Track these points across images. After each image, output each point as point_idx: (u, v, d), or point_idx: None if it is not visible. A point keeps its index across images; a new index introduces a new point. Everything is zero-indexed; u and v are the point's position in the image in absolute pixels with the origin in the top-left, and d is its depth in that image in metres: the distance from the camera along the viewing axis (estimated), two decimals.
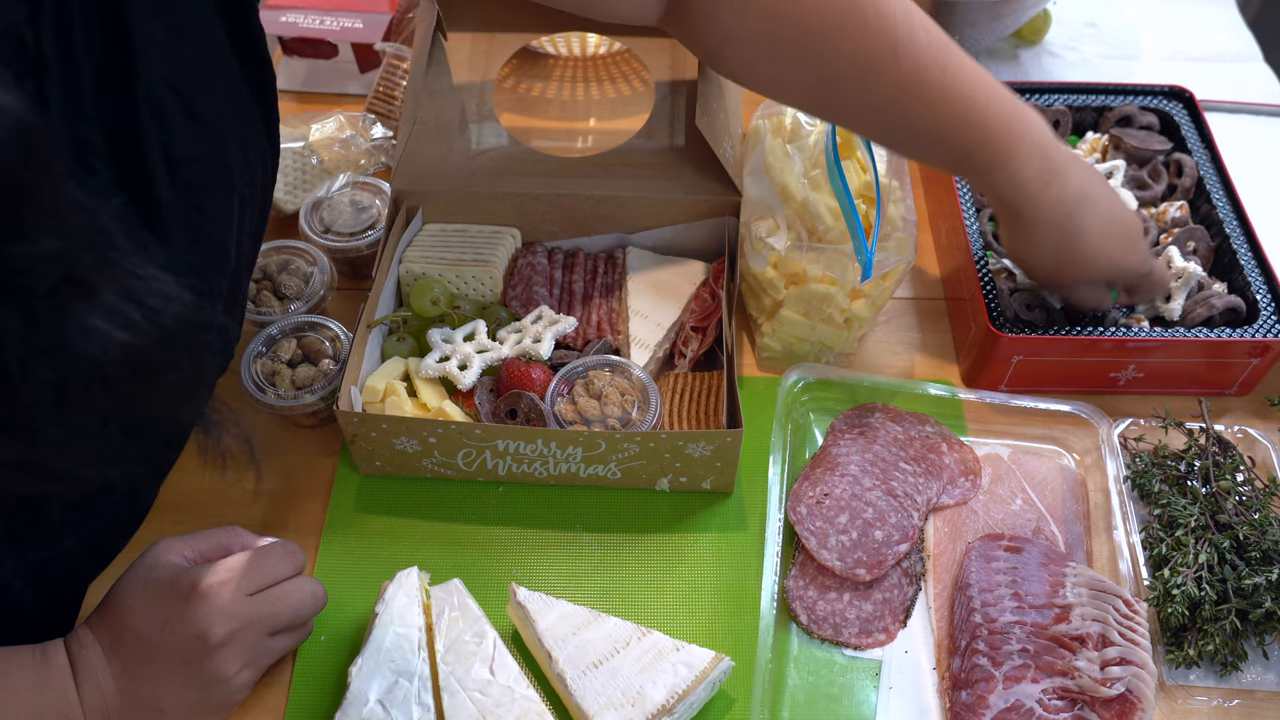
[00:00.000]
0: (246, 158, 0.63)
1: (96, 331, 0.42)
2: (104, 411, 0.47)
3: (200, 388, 0.62)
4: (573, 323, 0.85)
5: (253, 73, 0.64)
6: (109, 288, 0.43)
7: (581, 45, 1.02)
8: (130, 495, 0.71)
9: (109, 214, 0.43)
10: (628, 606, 0.77)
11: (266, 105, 0.66)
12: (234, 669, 0.66)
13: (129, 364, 0.44)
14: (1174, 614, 0.72)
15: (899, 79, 0.72)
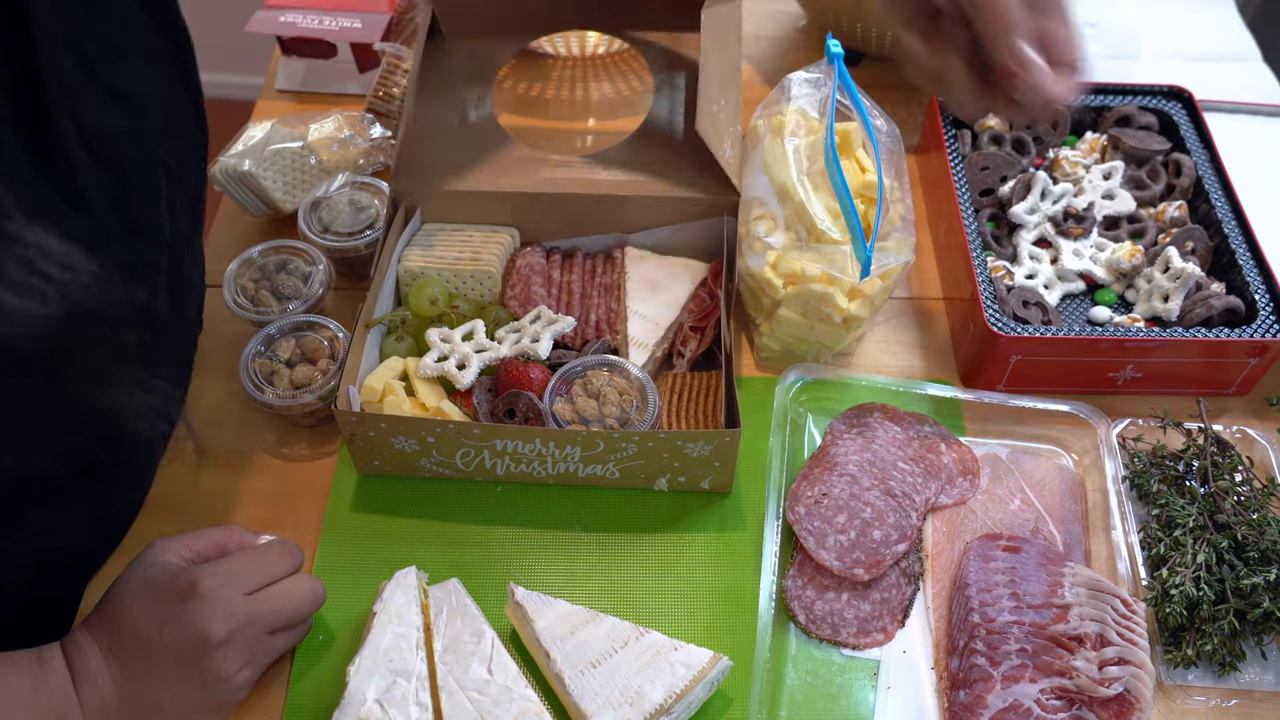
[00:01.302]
0: (169, 128, 0.62)
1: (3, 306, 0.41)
2: (15, 396, 0.46)
3: (121, 371, 0.61)
4: (571, 322, 0.85)
5: (174, 44, 0.63)
6: (5, 257, 0.42)
7: (581, 45, 1.02)
8: (77, 491, 0.70)
9: (4, 181, 0.42)
10: (626, 606, 0.77)
11: (186, 74, 0.66)
12: (234, 668, 0.66)
13: (38, 340, 0.43)
14: (1172, 614, 0.72)
15: None
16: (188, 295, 0.73)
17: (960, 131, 1.01)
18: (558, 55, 1.01)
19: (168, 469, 0.85)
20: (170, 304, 0.68)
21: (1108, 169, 0.97)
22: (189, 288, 0.73)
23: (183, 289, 0.70)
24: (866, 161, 0.91)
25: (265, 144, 0.97)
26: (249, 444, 0.86)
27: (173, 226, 0.63)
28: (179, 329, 0.74)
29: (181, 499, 0.83)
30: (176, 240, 0.64)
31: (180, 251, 0.65)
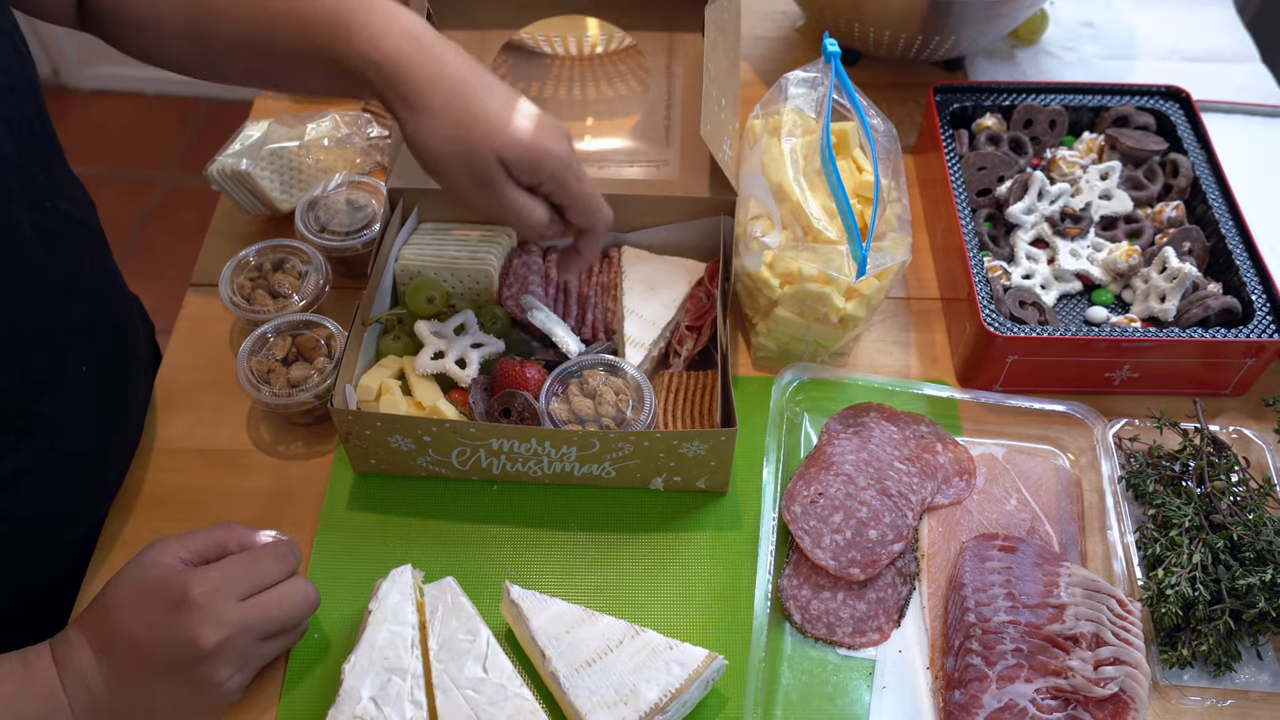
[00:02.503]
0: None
1: None
2: None
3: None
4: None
5: None
6: None
7: (579, 43, 1.02)
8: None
9: None
10: (621, 605, 0.77)
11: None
12: (225, 675, 0.66)
13: None
14: (1168, 614, 0.72)
15: None
16: (61, 228, 0.73)
17: (958, 131, 1.01)
18: (555, 54, 1.01)
19: (163, 467, 0.85)
20: (39, 239, 0.69)
21: (1105, 169, 0.97)
22: (64, 221, 0.74)
23: (51, 220, 0.71)
24: (863, 161, 0.91)
25: (262, 143, 0.97)
26: (245, 442, 0.86)
27: (13, 139, 0.65)
28: (64, 270, 0.74)
29: (178, 497, 0.83)
30: (13, 155, 0.66)
31: (8, 175, 0.66)
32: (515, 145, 0.71)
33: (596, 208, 0.77)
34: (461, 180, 0.73)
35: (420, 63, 0.70)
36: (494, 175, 0.72)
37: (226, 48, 0.75)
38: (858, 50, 1.14)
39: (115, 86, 2.68)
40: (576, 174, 0.75)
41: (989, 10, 1.03)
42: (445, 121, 0.70)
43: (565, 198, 0.75)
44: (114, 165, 2.53)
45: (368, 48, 0.70)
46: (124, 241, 2.38)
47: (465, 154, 0.71)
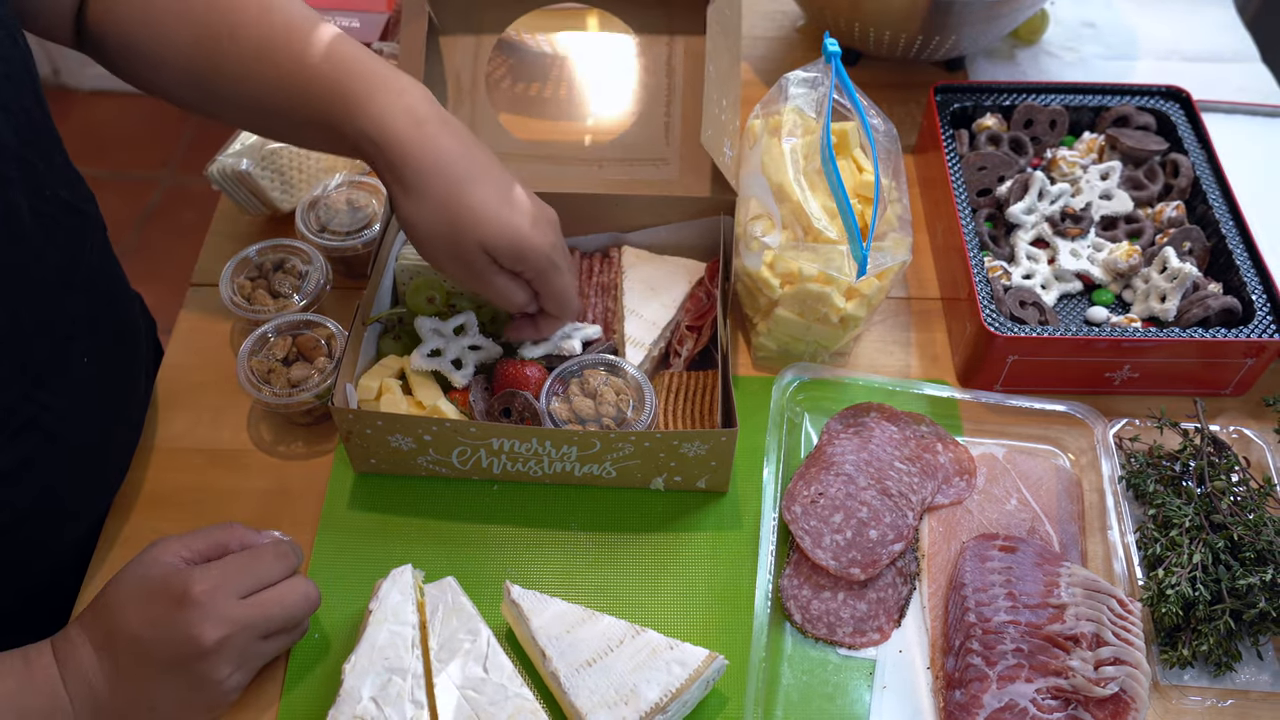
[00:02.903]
0: None
1: None
2: None
3: None
4: (598, 330, 0.87)
5: None
6: None
7: (578, 43, 1.02)
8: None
9: None
10: (622, 605, 0.77)
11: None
12: (225, 673, 0.66)
13: None
14: (1168, 614, 0.72)
15: (269, 32, 0.73)
16: (61, 216, 0.73)
17: (958, 131, 1.01)
18: (555, 53, 1.01)
19: (164, 466, 0.85)
20: (38, 226, 0.69)
21: (1105, 169, 0.97)
22: (63, 210, 0.74)
23: (51, 207, 0.71)
24: (864, 161, 0.91)
25: (263, 143, 0.97)
26: (246, 442, 0.86)
27: (11, 127, 0.65)
28: (64, 259, 0.74)
29: (178, 496, 0.83)
30: (13, 145, 0.66)
31: (7, 164, 0.66)
32: (500, 238, 0.73)
33: (567, 303, 0.80)
34: (445, 263, 0.76)
35: (419, 148, 0.71)
36: (476, 262, 0.74)
37: (228, 98, 0.76)
38: (858, 50, 1.14)
39: (115, 86, 2.68)
40: (557, 266, 0.77)
41: (989, 10, 1.03)
42: (435, 208, 0.72)
43: (542, 289, 0.78)
44: (114, 165, 2.53)
45: (370, 126, 0.71)
46: (124, 241, 2.38)
47: (452, 242, 0.74)
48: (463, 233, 0.73)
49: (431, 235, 0.74)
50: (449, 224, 0.73)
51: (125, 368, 0.84)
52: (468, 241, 0.73)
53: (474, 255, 0.74)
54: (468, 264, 0.75)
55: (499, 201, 0.73)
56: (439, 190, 0.72)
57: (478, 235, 0.73)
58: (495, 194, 0.73)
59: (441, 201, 0.72)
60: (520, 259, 0.75)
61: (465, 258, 0.74)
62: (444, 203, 0.72)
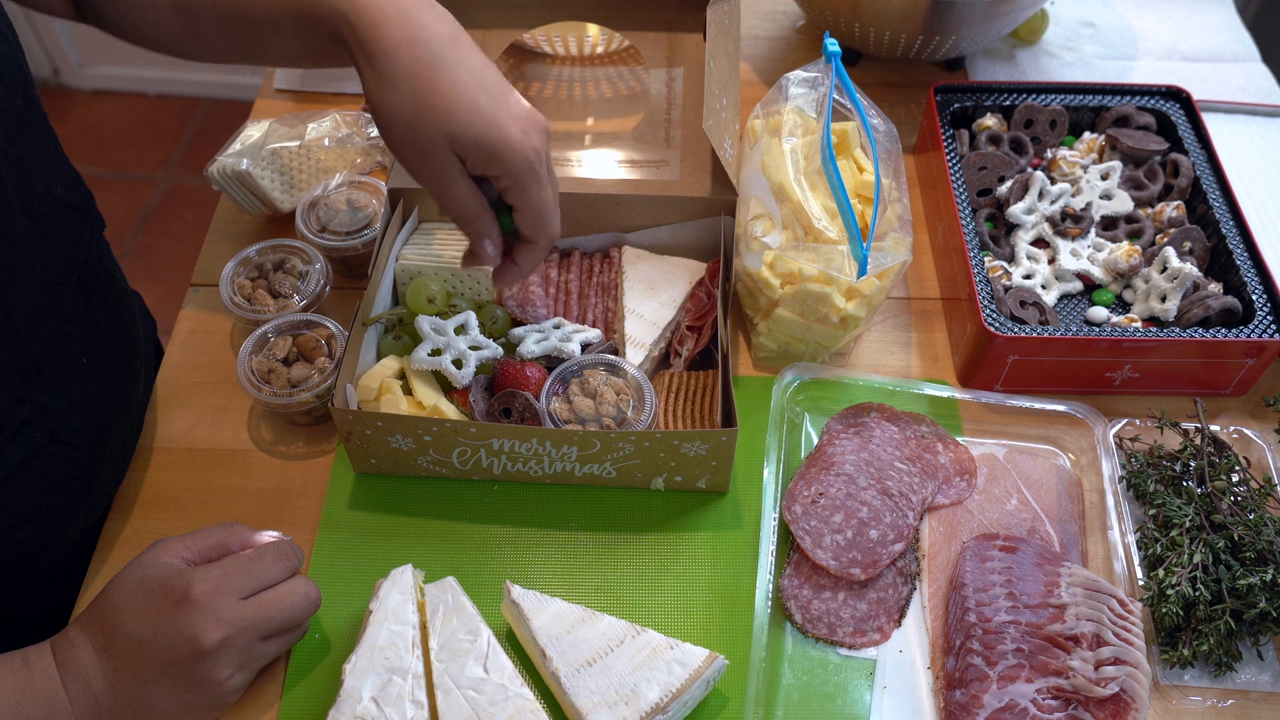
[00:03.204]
0: None
1: None
2: None
3: None
4: (598, 334, 0.86)
5: None
6: None
7: (579, 43, 1.02)
8: None
9: None
10: (622, 605, 0.77)
11: None
12: (226, 674, 0.66)
13: None
14: (1168, 614, 0.72)
15: None
16: (55, 214, 0.73)
17: (958, 131, 1.01)
18: (556, 54, 1.01)
19: (164, 466, 0.85)
20: (31, 226, 0.69)
21: (1105, 169, 0.97)
22: (58, 208, 0.73)
23: (45, 207, 0.71)
24: (864, 161, 0.91)
25: (263, 143, 0.97)
26: (246, 442, 0.86)
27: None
28: (59, 258, 0.74)
29: (179, 497, 0.83)
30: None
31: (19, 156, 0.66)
32: (469, 130, 0.65)
33: (546, 219, 0.70)
34: (406, 155, 0.68)
35: (393, 24, 0.65)
36: (438, 157, 0.67)
37: (211, 23, 0.73)
38: (858, 50, 1.14)
39: (115, 86, 2.68)
40: (537, 176, 0.68)
41: (989, 10, 1.03)
42: (403, 91, 0.65)
43: (519, 199, 0.69)
44: (114, 165, 2.53)
45: (342, 2, 0.66)
46: (124, 241, 2.38)
47: (412, 128, 0.66)
48: (428, 118, 0.65)
49: (394, 124, 0.66)
50: (414, 112, 0.65)
51: (124, 367, 0.84)
52: (432, 129, 0.65)
53: (436, 147, 0.66)
54: (427, 158, 0.67)
55: (476, 89, 0.66)
56: (409, 71, 0.65)
57: (446, 124, 0.65)
58: (473, 81, 0.66)
59: (410, 86, 0.65)
60: (492, 158, 0.66)
61: (425, 148, 0.66)
62: (413, 87, 0.65)
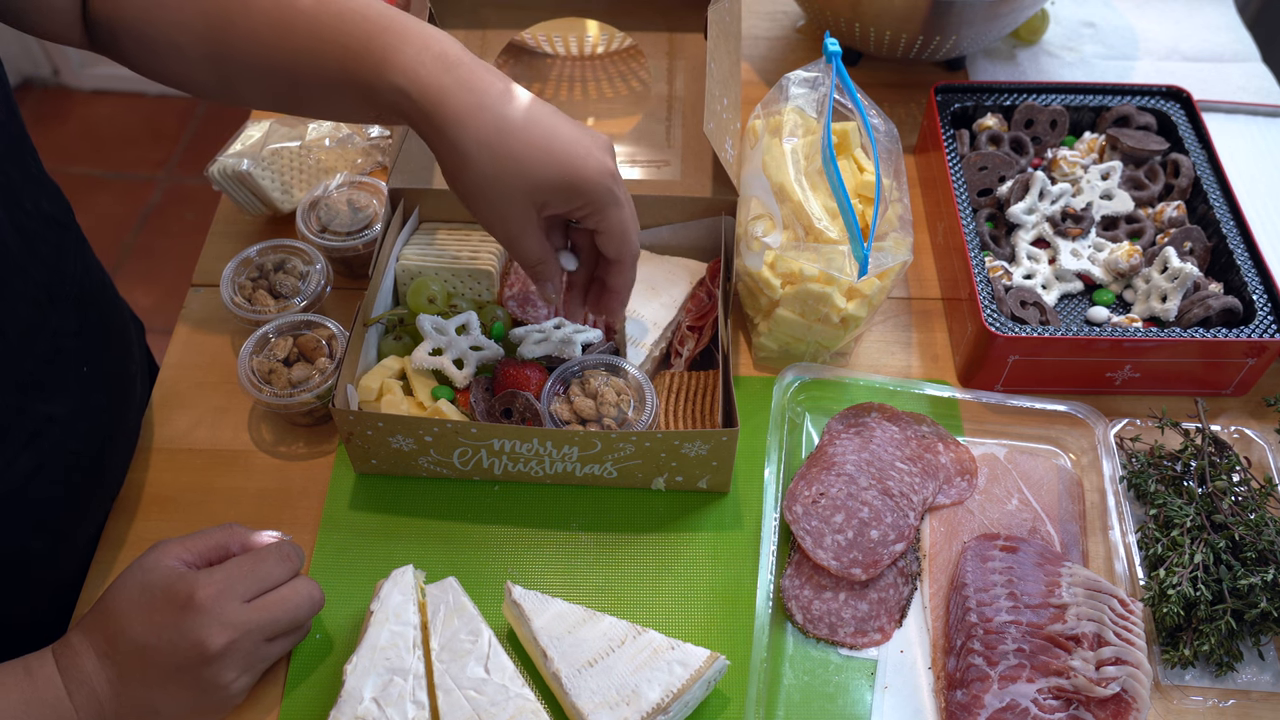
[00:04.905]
0: None
1: None
2: None
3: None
4: (599, 334, 0.86)
5: None
6: None
7: (579, 43, 1.02)
8: None
9: None
10: (623, 605, 0.77)
11: None
12: (231, 677, 0.66)
13: None
14: (1169, 614, 0.72)
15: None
16: (42, 229, 0.72)
17: (959, 131, 1.01)
18: (556, 54, 1.01)
19: (164, 467, 0.85)
20: (19, 239, 0.69)
21: (1106, 169, 0.97)
22: (45, 223, 0.73)
23: (32, 222, 0.70)
24: (865, 161, 0.91)
25: (263, 143, 0.97)
26: (247, 443, 0.86)
27: None
28: (47, 272, 0.73)
29: (179, 498, 0.83)
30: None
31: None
32: (549, 181, 0.68)
33: (627, 239, 0.72)
34: (484, 215, 0.71)
35: (455, 94, 0.66)
36: (516, 213, 0.69)
37: (249, 76, 0.72)
38: (859, 50, 1.14)
39: (115, 86, 2.68)
40: (616, 199, 0.70)
41: (990, 10, 1.03)
42: (478, 159, 0.67)
43: (599, 224, 0.71)
44: (114, 165, 2.53)
45: (401, 79, 0.66)
46: (124, 241, 2.37)
47: (494, 193, 0.69)
48: (507, 181, 0.68)
49: (472, 188, 0.69)
50: (491, 174, 0.67)
51: (122, 372, 0.84)
52: (512, 191, 0.68)
53: (516, 206, 0.69)
54: (506, 216, 0.69)
55: (548, 139, 0.68)
56: (476, 135, 0.66)
57: (525, 182, 0.68)
58: (542, 133, 0.68)
59: (479, 146, 0.67)
60: (575, 197, 0.69)
61: (505, 209, 0.69)
62: (483, 149, 0.67)
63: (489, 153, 0.67)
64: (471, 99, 0.66)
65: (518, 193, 0.68)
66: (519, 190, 0.68)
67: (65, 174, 0.73)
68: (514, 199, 0.68)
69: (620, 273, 0.74)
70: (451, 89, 0.66)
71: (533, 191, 0.68)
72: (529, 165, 0.67)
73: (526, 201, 0.69)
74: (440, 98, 0.66)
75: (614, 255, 0.73)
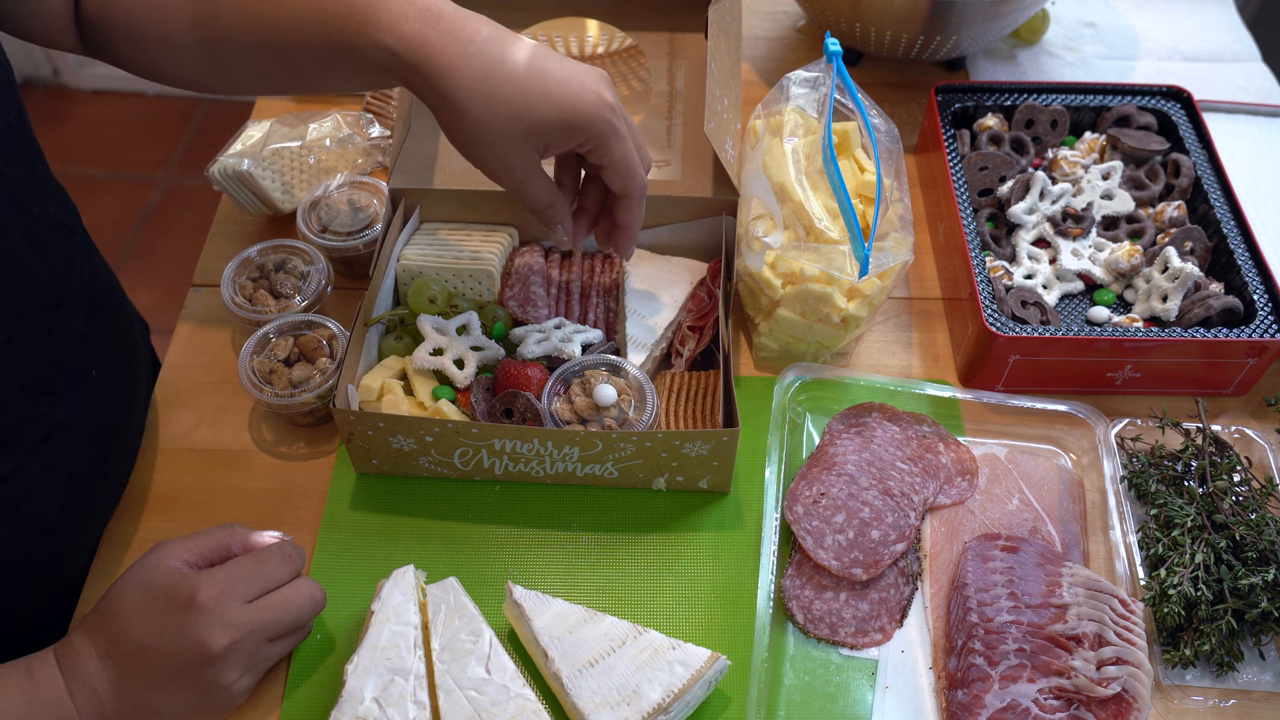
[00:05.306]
0: None
1: None
2: None
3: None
4: (599, 334, 0.86)
5: None
6: None
7: (580, 43, 1.02)
8: None
9: None
10: (624, 605, 0.77)
11: None
12: (233, 677, 0.66)
13: None
14: (1170, 614, 0.72)
15: None
16: (50, 233, 0.72)
17: (959, 131, 1.01)
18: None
19: (165, 468, 0.85)
20: (27, 243, 0.69)
21: (1106, 169, 0.97)
22: (52, 227, 0.73)
23: (40, 226, 0.70)
24: (865, 161, 0.91)
25: (264, 143, 0.97)
26: (247, 443, 0.86)
27: None
28: (55, 276, 0.73)
29: (180, 498, 0.83)
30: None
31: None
32: (546, 120, 0.67)
33: (631, 171, 0.71)
34: (485, 163, 0.71)
35: (441, 45, 0.66)
36: (518, 158, 0.69)
37: (238, 55, 0.72)
38: (859, 50, 1.14)
39: (115, 86, 2.68)
40: (617, 131, 0.69)
41: (990, 10, 1.03)
42: (471, 107, 0.67)
43: (603, 158, 0.70)
44: (114, 165, 2.53)
45: (386, 36, 0.66)
46: (124, 241, 2.38)
47: (491, 138, 0.68)
48: (503, 125, 0.67)
49: (469, 136, 0.68)
50: (486, 119, 0.67)
51: (128, 376, 0.84)
52: (510, 134, 0.67)
53: (516, 149, 0.68)
54: (508, 162, 0.69)
55: (540, 78, 0.67)
56: (466, 83, 0.66)
57: (522, 124, 0.67)
58: (534, 72, 0.67)
59: (470, 94, 0.66)
60: (574, 133, 0.68)
61: (506, 154, 0.68)
62: (474, 95, 0.66)
63: (482, 99, 0.66)
64: (458, 48, 0.66)
65: (516, 136, 0.68)
66: (517, 133, 0.68)
67: (65, 174, 0.74)
68: (513, 143, 0.68)
69: (628, 207, 0.74)
70: (436, 41, 0.66)
71: (531, 133, 0.68)
72: (524, 107, 0.67)
73: (526, 144, 0.68)
74: (426, 51, 0.66)
75: (619, 189, 0.72)
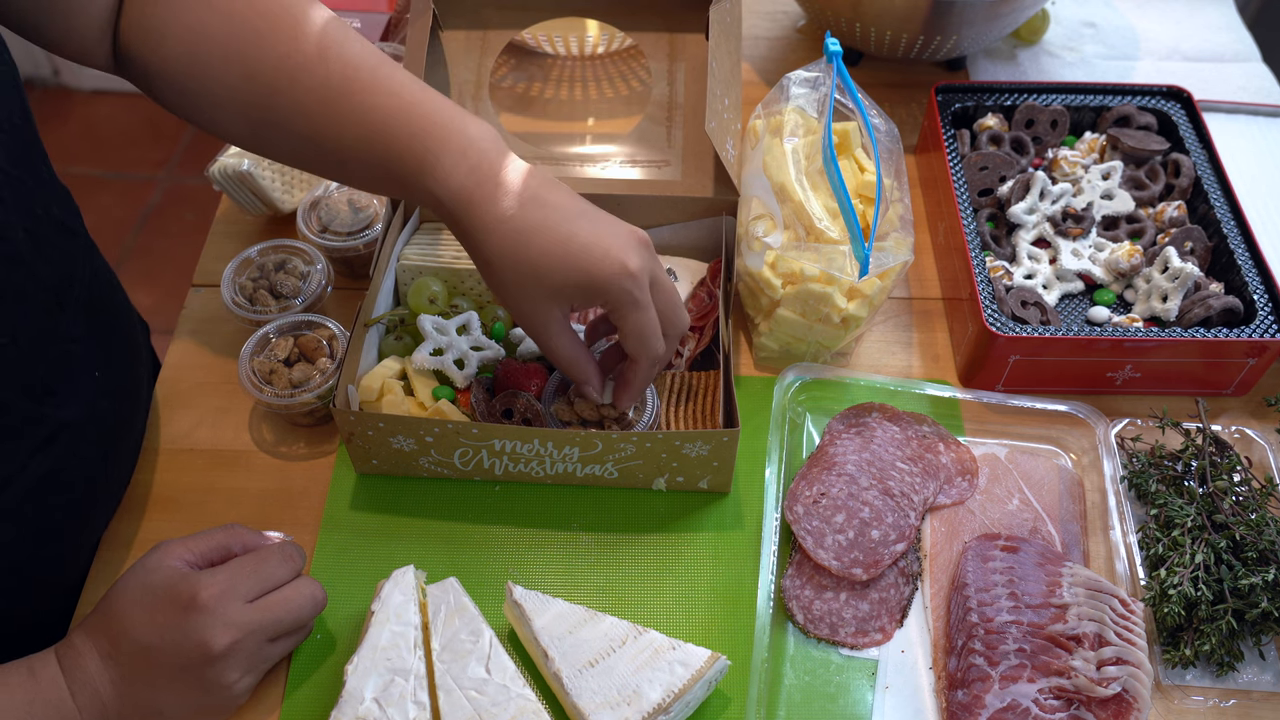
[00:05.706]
0: None
1: None
2: None
3: None
4: None
5: None
6: None
7: (580, 43, 1.02)
8: None
9: None
10: (624, 605, 0.77)
11: None
12: (235, 677, 0.66)
13: None
14: (1170, 614, 0.72)
15: (328, 78, 0.70)
16: (53, 235, 0.72)
17: (959, 131, 1.01)
18: (557, 54, 1.01)
19: (165, 468, 0.85)
20: (31, 245, 0.68)
21: (1106, 169, 0.97)
22: (55, 229, 0.73)
23: (43, 227, 0.70)
24: (865, 161, 0.91)
25: None
26: (247, 443, 0.86)
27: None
28: (58, 277, 0.73)
29: (180, 498, 0.83)
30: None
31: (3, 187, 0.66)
32: (566, 283, 0.70)
33: (645, 341, 0.73)
34: (513, 310, 0.73)
35: (484, 203, 0.69)
36: (540, 313, 0.72)
37: (286, 141, 0.73)
38: (859, 50, 1.14)
39: (115, 86, 2.68)
40: (635, 302, 0.70)
41: (990, 10, 1.03)
42: (501, 263, 0.70)
43: (619, 323, 0.72)
44: (114, 165, 2.53)
45: (436, 185, 0.69)
46: (124, 241, 2.38)
47: (518, 291, 0.71)
48: (528, 282, 0.70)
49: (498, 286, 0.71)
50: (515, 275, 0.70)
51: (131, 376, 0.84)
52: (534, 291, 0.71)
53: (539, 305, 0.71)
54: (531, 315, 0.72)
55: (566, 241, 0.69)
56: (500, 242, 0.69)
57: (544, 284, 0.70)
58: (561, 236, 0.69)
59: (500, 254, 0.70)
60: (593, 297, 0.71)
61: (528, 308, 0.72)
62: (504, 256, 0.70)
63: (510, 260, 0.70)
64: (496, 210, 0.69)
65: (539, 295, 0.71)
66: (539, 293, 0.71)
67: (65, 174, 0.74)
68: (536, 301, 0.71)
69: (634, 370, 0.76)
70: (480, 201, 0.69)
71: (553, 294, 0.70)
72: (545, 270, 0.69)
73: (549, 303, 0.71)
74: (468, 208, 0.69)
75: (630, 353, 0.75)
